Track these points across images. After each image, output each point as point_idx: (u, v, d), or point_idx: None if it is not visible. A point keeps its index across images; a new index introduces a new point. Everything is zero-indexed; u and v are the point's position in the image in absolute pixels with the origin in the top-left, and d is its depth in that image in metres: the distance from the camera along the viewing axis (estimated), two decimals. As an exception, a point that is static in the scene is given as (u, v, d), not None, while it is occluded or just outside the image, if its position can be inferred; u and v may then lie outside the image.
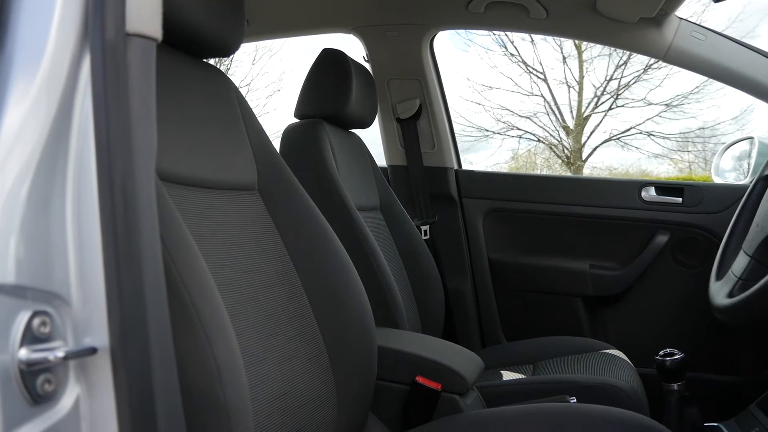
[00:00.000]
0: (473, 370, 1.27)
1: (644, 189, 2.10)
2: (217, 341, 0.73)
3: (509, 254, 2.21)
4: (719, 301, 0.96)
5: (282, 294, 1.08)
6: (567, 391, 1.39)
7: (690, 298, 2.02)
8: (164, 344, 0.60)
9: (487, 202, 2.23)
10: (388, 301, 1.51)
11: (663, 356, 1.49)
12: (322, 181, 1.57)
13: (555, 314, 2.15)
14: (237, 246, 1.03)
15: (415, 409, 1.21)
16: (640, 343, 2.02)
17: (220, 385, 0.72)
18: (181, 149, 0.97)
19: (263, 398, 0.92)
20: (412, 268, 1.88)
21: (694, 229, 2.02)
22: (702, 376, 1.98)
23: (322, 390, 1.07)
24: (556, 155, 12.29)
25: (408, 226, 1.92)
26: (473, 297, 2.21)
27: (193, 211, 0.96)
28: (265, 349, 0.98)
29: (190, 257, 0.78)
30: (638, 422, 1.06)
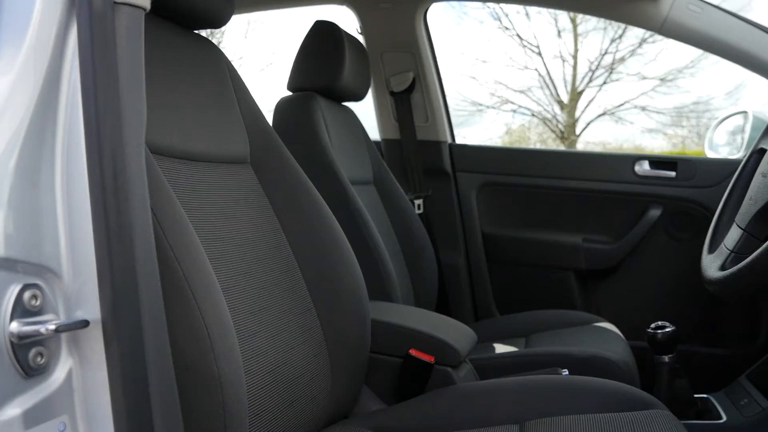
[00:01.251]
0: (466, 342, 1.28)
1: (638, 163, 2.10)
2: (210, 314, 0.73)
3: (503, 228, 2.21)
4: (711, 273, 0.96)
5: (275, 267, 1.08)
6: (559, 364, 1.40)
7: (682, 271, 2.03)
8: (156, 317, 0.60)
9: (481, 176, 2.22)
10: (381, 275, 1.52)
11: (654, 329, 1.50)
12: (314, 154, 1.56)
13: (548, 288, 2.16)
14: (229, 219, 1.02)
15: (409, 382, 1.21)
16: (632, 317, 2.04)
17: (213, 358, 0.72)
18: (171, 121, 0.96)
19: (257, 371, 0.92)
20: (406, 242, 1.88)
21: (687, 203, 2.03)
22: (692, 348, 2.00)
23: (316, 363, 1.08)
24: (550, 130, 12.27)
25: (401, 200, 1.91)
26: (466, 270, 2.21)
27: (185, 184, 0.95)
28: (259, 322, 0.98)
29: (181, 230, 0.77)
30: (629, 394, 1.07)
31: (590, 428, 0.97)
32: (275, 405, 0.95)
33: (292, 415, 0.99)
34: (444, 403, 1.15)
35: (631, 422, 0.97)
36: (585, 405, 1.05)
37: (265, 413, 0.92)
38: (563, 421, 1.01)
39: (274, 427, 0.94)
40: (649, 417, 0.98)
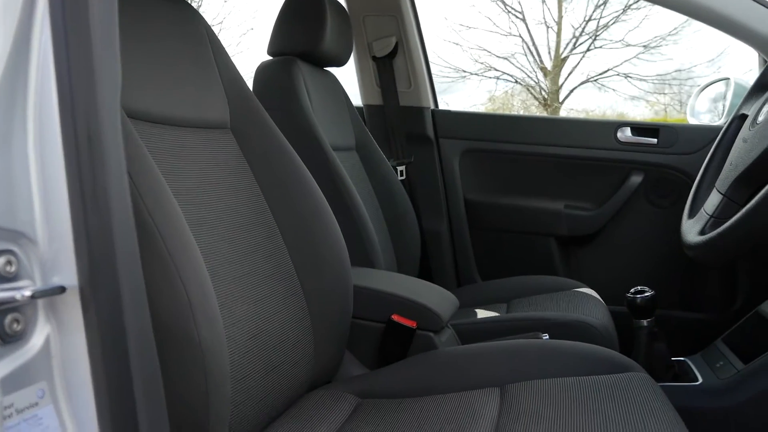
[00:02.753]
0: (448, 308, 1.29)
1: (620, 130, 2.10)
2: (190, 280, 0.73)
3: (485, 194, 2.22)
4: (691, 238, 0.97)
5: (256, 233, 1.07)
6: (540, 329, 1.42)
7: (662, 237, 2.06)
8: (135, 283, 0.59)
9: (464, 142, 2.22)
10: (363, 241, 1.52)
11: (633, 294, 1.52)
12: (296, 120, 1.54)
13: (529, 254, 2.17)
14: (210, 185, 1.01)
15: (391, 347, 1.22)
16: (612, 282, 2.06)
17: (194, 323, 0.72)
18: (148, 85, 0.94)
19: (239, 337, 0.92)
20: (388, 208, 1.88)
21: (668, 169, 2.04)
22: (671, 313, 2.03)
23: (298, 328, 1.08)
24: (533, 97, 12.25)
25: (384, 166, 1.91)
26: (449, 237, 2.22)
27: (163, 149, 0.94)
28: (240, 288, 0.97)
29: (160, 196, 0.76)
30: (608, 357, 1.09)
31: (569, 391, 0.98)
32: (257, 370, 0.95)
33: (275, 380, 1.00)
34: (426, 367, 1.16)
35: (610, 385, 0.98)
36: (565, 368, 1.07)
37: (247, 378, 0.92)
38: (543, 384, 1.03)
39: (256, 392, 0.94)
40: (627, 379, 1.00)
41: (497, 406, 0.99)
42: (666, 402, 0.93)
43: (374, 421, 1.01)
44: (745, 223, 0.80)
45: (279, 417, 1.05)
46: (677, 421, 0.87)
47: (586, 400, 0.94)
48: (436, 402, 1.04)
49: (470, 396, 1.04)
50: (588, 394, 0.96)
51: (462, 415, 0.97)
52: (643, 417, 0.86)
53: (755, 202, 0.79)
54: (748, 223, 0.79)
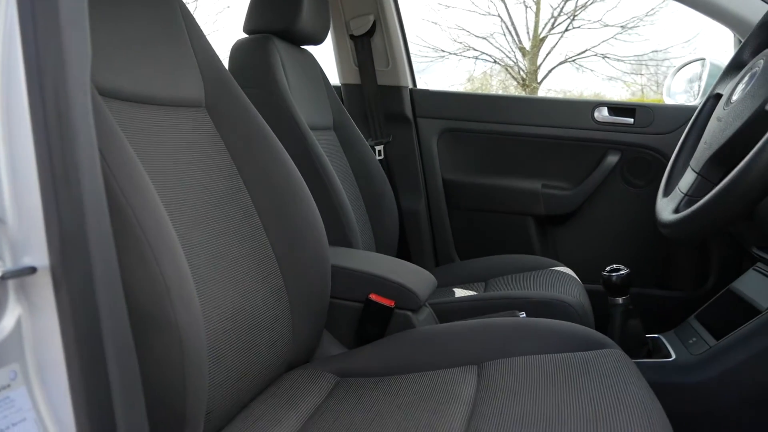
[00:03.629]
0: (426, 287, 1.29)
1: (597, 109, 2.11)
2: (165, 260, 0.72)
3: (463, 174, 2.22)
4: (665, 216, 0.98)
5: (233, 213, 1.06)
6: (517, 307, 1.43)
7: (637, 216, 2.08)
8: (108, 263, 0.58)
9: (442, 121, 2.21)
10: (341, 221, 1.51)
11: (609, 272, 1.54)
12: (272, 98, 1.53)
13: (507, 233, 2.19)
14: (184, 165, 1.00)
15: (369, 326, 1.22)
16: (588, 261, 2.09)
17: (170, 304, 0.71)
18: (120, 63, 0.92)
19: (215, 317, 0.92)
20: (366, 188, 1.88)
21: (644, 149, 2.05)
22: (645, 291, 2.06)
23: (276, 309, 1.08)
24: (511, 77, 12.27)
25: (362, 145, 1.90)
26: (427, 216, 2.23)
27: (136, 127, 0.92)
28: (217, 268, 0.97)
29: (133, 175, 0.75)
30: (584, 334, 1.10)
31: (546, 367, 1.00)
32: (235, 350, 0.95)
33: (253, 360, 0.99)
34: (404, 346, 1.16)
35: (585, 361, 1.00)
36: (541, 346, 1.08)
37: (225, 358, 0.92)
38: (520, 362, 1.04)
39: (234, 372, 0.94)
40: (602, 356, 1.01)
41: (474, 384, 1.00)
42: (640, 378, 0.94)
43: (353, 400, 1.02)
44: (719, 201, 0.81)
45: (257, 396, 1.05)
46: (651, 396, 0.88)
47: (562, 377, 0.95)
48: (414, 380, 1.05)
49: (448, 374, 1.05)
50: (564, 371, 0.97)
51: (440, 392, 0.98)
52: (618, 392, 0.87)
53: (728, 180, 0.80)
54: (722, 202, 0.80)
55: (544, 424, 0.81)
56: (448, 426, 0.87)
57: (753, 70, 1.03)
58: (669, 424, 0.82)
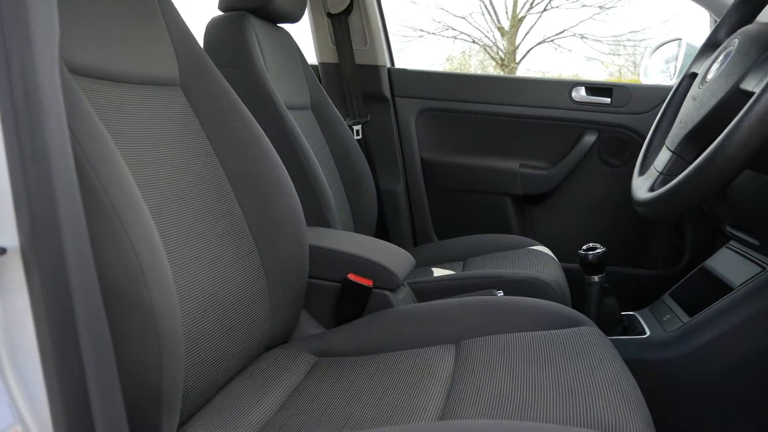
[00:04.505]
0: (404, 266, 1.29)
1: (574, 89, 2.12)
2: (139, 240, 0.71)
3: (441, 154, 2.22)
4: (640, 195, 0.99)
5: (209, 194, 1.05)
6: (495, 286, 1.44)
7: (613, 196, 2.10)
8: (80, 243, 0.57)
9: (420, 101, 2.21)
10: (319, 201, 1.50)
11: (585, 250, 1.55)
12: (248, 77, 1.51)
13: (485, 213, 2.19)
14: (158, 144, 0.98)
15: (347, 306, 1.22)
16: (565, 240, 2.10)
17: (145, 285, 0.70)
18: (91, 40, 0.90)
19: (192, 298, 0.91)
20: (344, 168, 1.87)
21: (621, 128, 2.07)
22: (621, 269, 2.09)
23: (254, 289, 1.07)
24: (490, 57, 12.25)
25: (340, 125, 1.89)
26: (405, 196, 2.23)
27: (109, 106, 0.90)
28: (193, 249, 0.96)
29: (105, 154, 0.74)
30: (560, 312, 1.11)
31: (523, 345, 1.00)
32: (212, 331, 0.94)
33: (230, 340, 0.99)
34: (382, 325, 1.17)
35: (562, 339, 1.01)
36: (518, 324, 1.09)
37: (202, 339, 0.91)
38: (497, 339, 1.05)
39: (211, 352, 0.94)
40: (579, 333, 1.02)
41: (452, 362, 1.01)
42: (615, 354, 0.96)
43: (331, 379, 1.02)
44: (693, 179, 0.81)
45: (236, 377, 1.05)
46: (625, 372, 0.90)
47: (538, 354, 0.96)
48: (392, 359, 1.05)
49: (426, 352, 1.06)
50: (541, 348, 0.98)
51: (418, 370, 0.99)
52: (593, 369, 0.88)
53: (703, 158, 0.81)
54: (696, 180, 0.81)
55: (520, 401, 0.82)
56: (426, 403, 0.87)
57: (728, 49, 1.03)
58: (643, 399, 0.84)
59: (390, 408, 0.87)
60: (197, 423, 0.89)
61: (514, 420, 0.78)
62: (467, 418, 0.81)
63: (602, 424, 0.73)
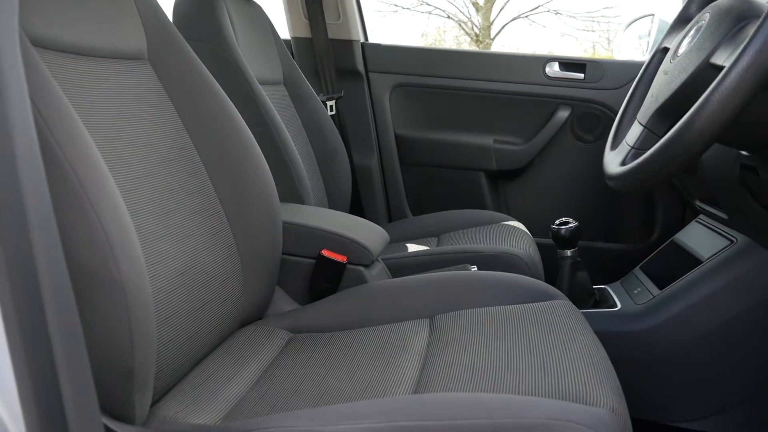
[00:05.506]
0: (378, 242, 1.29)
1: (548, 65, 2.12)
2: (107, 217, 0.70)
3: (416, 129, 2.21)
4: (612, 169, 0.99)
5: (180, 170, 1.03)
6: (469, 261, 1.45)
7: (586, 171, 2.12)
8: (45, 220, 0.56)
9: (394, 76, 2.19)
10: (292, 177, 1.49)
11: (558, 225, 1.56)
12: (219, 51, 1.48)
13: (459, 188, 2.20)
14: (127, 119, 0.96)
15: (322, 282, 1.22)
16: (539, 215, 2.12)
17: (114, 262, 0.69)
18: (54, 11, 0.88)
19: (163, 274, 0.90)
20: (318, 144, 1.86)
21: (594, 104, 2.08)
22: (593, 244, 2.11)
23: (227, 265, 1.06)
24: (465, 33, 12.21)
25: (313, 101, 1.87)
26: (380, 172, 2.22)
27: (74, 80, 0.88)
28: (164, 226, 0.94)
29: (71, 129, 0.72)
30: (533, 286, 1.12)
31: (496, 319, 1.01)
32: (185, 308, 0.93)
33: (204, 317, 0.98)
34: (357, 301, 1.17)
35: (534, 312, 1.02)
36: (492, 298, 1.10)
37: (175, 316, 0.91)
38: (471, 313, 1.05)
39: (185, 329, 0.93)
40: (551, 307, 1.04)
41: (426, 336, 1.01)
42: (587, 327, 0.97)
43: (306, 354, 1.02)
44: (663, 153, 0.82)
45: (210, 354, 1.04)
46: (597, 344, 0.91)
47: (511, 327, 0.97)
48: (367, 334, 1.06)
49: (400, 327, 1.06)
50: (514, 322, 0.99)
51: (392, 345, 0.99)
52: (565, 341, 0.89)
53: (672, 132, 0.81)
54: (666, 153, 0.82)
55: (493, 373, 0.83)
56: (401, 377, 0.88)
57: (699, 23, 1.04)
58: (613, 369, 0.85)
59: (365, 382, 0.88)
60: (171, 400, 0.88)
61: (486, 392, 0.79)
62: (441, 391, 0.81)
63: (573, 395, 0.74)
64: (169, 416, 0.84)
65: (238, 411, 0.87)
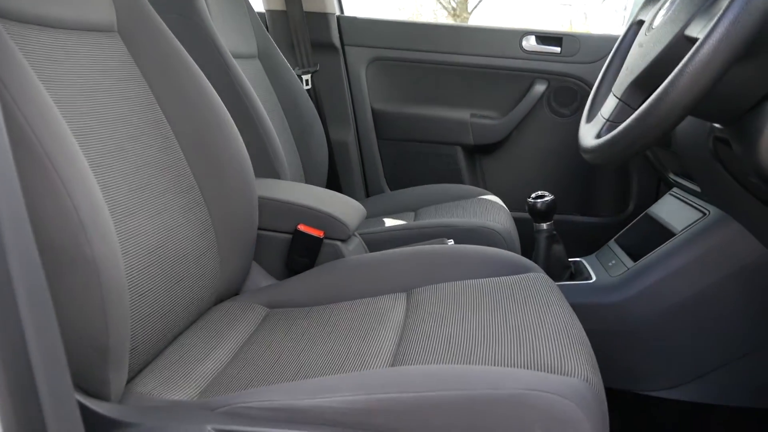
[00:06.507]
0: (355, 217, 1.29)
1: (525, 38, 2.11)
2: (78, 192, 0.68)
3: (392, 104, 2.20)
4: (587, 142, 1.00)
5: (152, 144, 1.02)
6: (446, 235, 1.45)
7: (562, 145, 2.12)
8: (12, 197, 0.55)
9: (370, 50, 2.17)
10: (268, 152, 1.48)
11: (534, 198, 1.57)
12: (191, 24, 1.45)
13: (436, 163, 2.20)
14: (98, 93, 0.94)
15: (298, 257, 1.22)
16: (515, 189, 2.13)
17: (86, 239, 0.68)
18: None
19: (137, 251, 0.89)
20: (294, 118, 1.84)
21: (570, 78, 2.08)
22: (569, 217, 2.13)
23: (202, 241, 1.05)
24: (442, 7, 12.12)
25: (288, 75, 1.85)
26: (356, 147, 2.21)
27: (41, 53, 0.86)
28: (137, 202, 0.93)
29: (38, 103, 0.70)
30: (509, 259, 1.13)
31: (473, 292, 1.02)
32: (160, 284, 0.93)
33: (180, 293, 0.98)
34: (333, 276, 1.17)
35: (511, 285, 1.03)
36: (469, 271, 1.10)
37: (150, 293, 0.90)
38: (448, 287, 1.06)
39: (160, 306, 0.92)
40: (527, 279, 1.04)
41: (404, 310, 1.02)
42: (562, 299, 0.98)
43: (283, 329, 1.02)
44: (638, 125, 0.82)
45: (186, 329, 1.04)
46: (572, 316, 0.92)
47: (488, 300, 0.98)
48: (344, 308, 1.06)
49: (377, 301, 1.06)
50: (490, 294, 1.00)
51: (369, 319, 0.99)
52: (541, 313, 0.90)
53: (647, 105, 0.81)
54: (641, 126, 0.82)
55: (469, 345, 0.83)
56: (378, 350, 0.88)
57: (674, -5, 1.04)
58: (588, 341, 0.86)
59: (342, 356, 0.88)
60: (147, 377, 0.88)
61: (463, 364, 0.79)
62: (418, 363, 0.82)
63: (548, 366, 0.75)
64: (146, 393, 0.83)
65: (215, 386, 0.86)
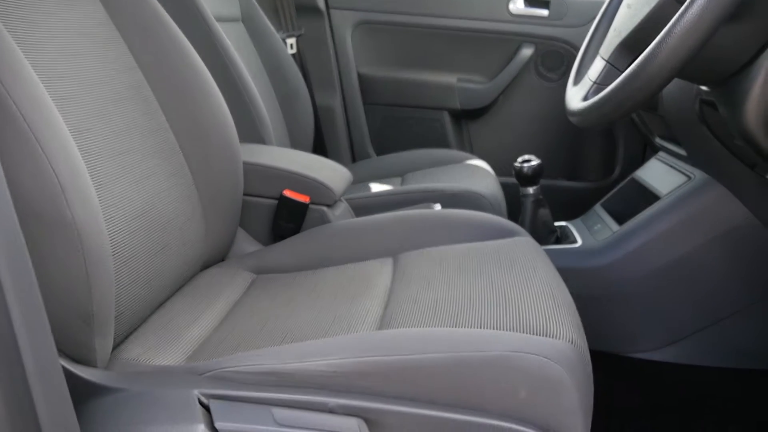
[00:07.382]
0: (341, 182, 1.28)
1: (512, 1, 2.09)
2: (57, 156, 0.67)
3: (378, 68, 2.18)
4: (574, 105, 0.99)
5: (134, 109, 1.00)
6: (433, 199, 1.45)
7: (549, 110, 2.12)
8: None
9: (356, 13, 2.14)
10: (252, 117, 1.46)
11: (521, 163, 1.57)
12: (172, -15, 1.42)
13: (423, 128, 2.19)
14: (77, 56, 0.92)
15: (284, 222, 1.21)
16: (502, 153, 2.13)
17: (66, 204, 0.67)
18: None
19: (120, 216, 0.88)
20: (279, 83, 1.82)
21: (557, 42, 2.06)
22: (555, 182, 2.13)
23: (187, 207, 1.04)
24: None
25: (273, 39, 1.82)
26: (342, 112, 2.19)
27: (16, 15, 0.83)
28: (120, 166, 0.92)
29: (15, 66, 0.69)
30: (496, 223, 1.13)
31: (459, 256, 1.02)
32: (145, 250, 0.92)
33: (165, 260, 0.97)
34: (320, 240, 1.16)
35: (497, 249, 1.03)
36: (455, 235, 1.10)
37: (134, 259, 0.89)
38: (434, 251, 1.06)
39: (145, 272, 0.92)
40: (513, 243, 1.05)
41: (390, 274, 1.02)
42: (548, 263, 0.98)
43: (270, 295, 1.02)
44: (625, 87, 0.82)
45: (172, 296, 1.03)
46: (557, 279, 0.92)
47: (474, 264, 0.98)
48: (330, 273, 1.06)
49: (364, 265, 1.06)
50: (476, 258, 1.00)
51: (356, 284, 0.99)
52: (527, 277, 0.90)
53: (634, 66, 0.81)
54: (627, 88, 0.81)
55: (455, 308, 0.83)
56: (365, 314, 0.88)
57: (663, -45, 1.02)
58: (573, 304, 0.87)
59: (329, 320, 0.88)
60: (133, 343, 0.88)
61: (449, 327, 0.80)
62: (405, 327, 0.82)
63: (534, 328, 0.75)
64: (132, 359, 0.83)
65: (202, 351, 0.86)
